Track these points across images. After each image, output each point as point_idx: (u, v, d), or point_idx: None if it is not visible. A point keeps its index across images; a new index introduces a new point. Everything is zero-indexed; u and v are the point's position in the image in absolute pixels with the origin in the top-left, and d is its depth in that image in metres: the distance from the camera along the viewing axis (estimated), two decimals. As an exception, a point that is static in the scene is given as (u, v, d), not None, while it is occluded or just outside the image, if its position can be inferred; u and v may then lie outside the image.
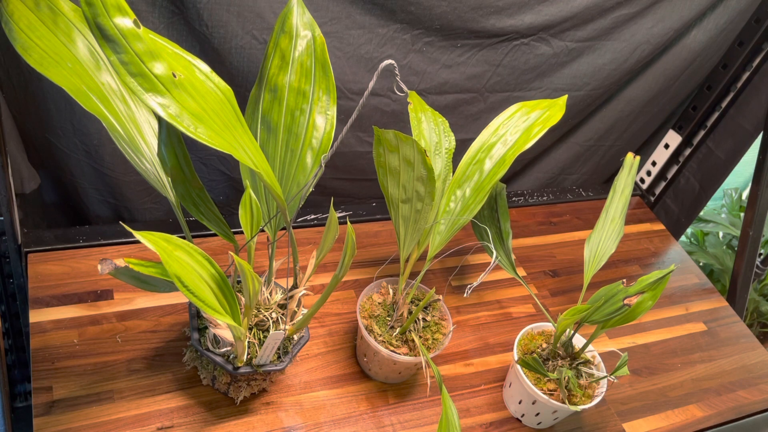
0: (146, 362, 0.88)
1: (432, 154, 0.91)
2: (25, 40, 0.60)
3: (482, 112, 1.26)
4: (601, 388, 0.90)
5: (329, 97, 0.79)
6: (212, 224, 0.77)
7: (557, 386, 0.87)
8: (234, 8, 0.96)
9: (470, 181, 0.91)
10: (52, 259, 0.99)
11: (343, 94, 1.10)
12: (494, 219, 1.01)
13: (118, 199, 1.15)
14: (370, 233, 1.20)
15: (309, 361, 0.95)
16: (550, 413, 0.91)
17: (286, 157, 0.81)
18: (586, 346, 0.92)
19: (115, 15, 0.53)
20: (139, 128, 0.73)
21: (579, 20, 1.16)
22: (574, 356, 0.92)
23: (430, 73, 1.15)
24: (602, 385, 0.90)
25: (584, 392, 0.90)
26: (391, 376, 0.94)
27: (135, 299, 0.96)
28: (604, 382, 0.91)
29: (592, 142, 1.41)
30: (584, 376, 0.90)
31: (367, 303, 0.94)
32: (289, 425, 0.86)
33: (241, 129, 0.62)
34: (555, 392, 0.88)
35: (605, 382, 0.91)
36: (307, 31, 0.78)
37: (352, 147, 1.22)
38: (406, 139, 0.73)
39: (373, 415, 0.91)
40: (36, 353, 0.86)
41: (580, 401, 0.88)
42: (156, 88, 0.54)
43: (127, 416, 0.82)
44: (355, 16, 1.04)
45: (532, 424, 0.95)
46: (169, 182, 0.74)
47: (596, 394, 0.90)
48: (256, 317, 0.83)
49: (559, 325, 0.88)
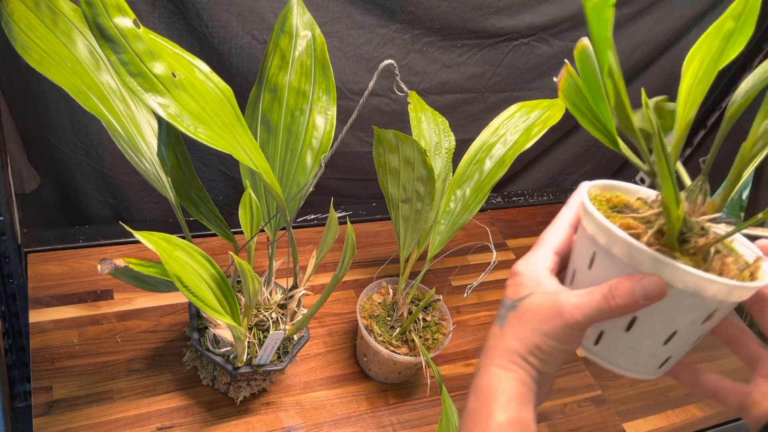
0: (146, 362, 0.88)
1: (432, 154, 0.91)
2: (25, 40, 0.60)
3: (482, 112, 1.26)
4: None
5: (329, 97, 0.79)
6: (212, 224, 0.77)
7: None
8: (234, 8, 0.96)
9: (470, 181, 0.91)
10: (51, 259, 0.99)
11: (343, 94, 1.10)
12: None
13: (117, 199, 1.15)
14: (370, 233, 1.19)
15: (309, 361, 0.95)
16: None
17: (286, 157, 0.81)
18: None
19: (115, 15, 0.53)
20: (138, 128, 0.73)
21: (579, 20, 1.16)
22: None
23: (430, 73, 1.15)
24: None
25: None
26: (391, 376, 0.94)
27: (135, 299, 0.96)
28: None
29: (591, 142, 1.41)
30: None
31: (367, 303, 0.94)
32: (289, 425, 0.86)
33: (241, 129, 0.62)
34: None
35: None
36: (307, 31, 0.78)
37: (352, 147, 1.22)
38: (406, 139, 0.73)
39: (373, 415, 0.91)
40: (36, 353, 0.86)
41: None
42: (156, 88, 0.54)
43: (127, 416, 0.82)
44: (355, 16, 1.04)
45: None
46: (169, 182, 0.74)
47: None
48: (256, 317, 0.83)
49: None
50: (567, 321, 0.42)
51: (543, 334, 0.43)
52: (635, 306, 0.40)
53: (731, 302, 0.41)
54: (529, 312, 0.44)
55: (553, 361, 0.44)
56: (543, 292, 0.44)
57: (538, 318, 0.43)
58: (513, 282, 0.46)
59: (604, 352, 0.45)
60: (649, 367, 0.45)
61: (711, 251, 0.41)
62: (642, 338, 0.43)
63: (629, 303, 0.40)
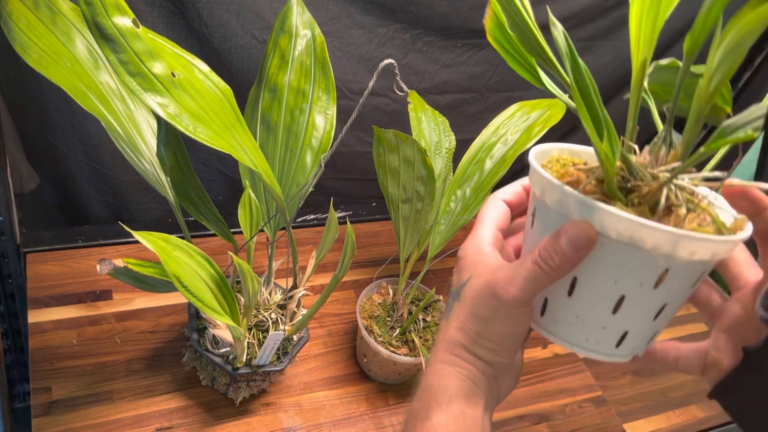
0: (145, 363, 0.88)
1: (432, 153, 0.90)
2: (24, 39, 0.60)
3: (483, 111, 1.25)
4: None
5: (329, 97, 0.79)
6: (211, 224, 0.77)
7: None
8: (233, 8, 0.96)
9: (471, 180, 0.90)
10: (51, 259, 0.99)
11: (342, 93, 1.10)
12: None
13: (117, 199, 1.15)
14: (370, 233, 1.19)
15: (309, 362, 0.95)
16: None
17: (286, 156, 0.80)
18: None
19: (114, 14, 0.53)
20: (138, 128, 0.73)
21: (579, 20, 1.15)
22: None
23: (431, 72, 1.15)
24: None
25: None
26: (391, 377, 0.94)
27: (134, 299, 0.96)
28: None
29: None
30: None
31: (367, 303, 0.94)
32: (289, 426, 0.86)
33: (240, 129, 0.62)
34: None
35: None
36: (307, 30, 0.77)
37: (352, 147, 1.21)
38: (406, 139, 0.73)
39: (373, 415, 0.91)
40: (35, 353, 0.85)
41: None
42: (155, 88, 0.54)
43: (126, 417, 0.81)
44: (355, 16, 1.03)
45: None
46: (169, 182, 0.74)
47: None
48: (256, 318, 0.83)
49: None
50: (503, 300, 0.37)
51: (482, 319, 0.38)
52: (567, 261, 0.35)
53: (686, 261, 0.35)
54: (468, 298, 0.40)
55: (502, 349, 0.39)
56: (479, 273, 0.39)
57: (476, 303, 0.39)
58: (457, 268, 0.42)
59: (550, 324, 0.40)
60: (603, 344, 0.39)
61: (661, 202, 0.35)
62: (586, 304, 0.38)
63: (560, 260, 0.35)
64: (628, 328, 0.38)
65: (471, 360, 0.40)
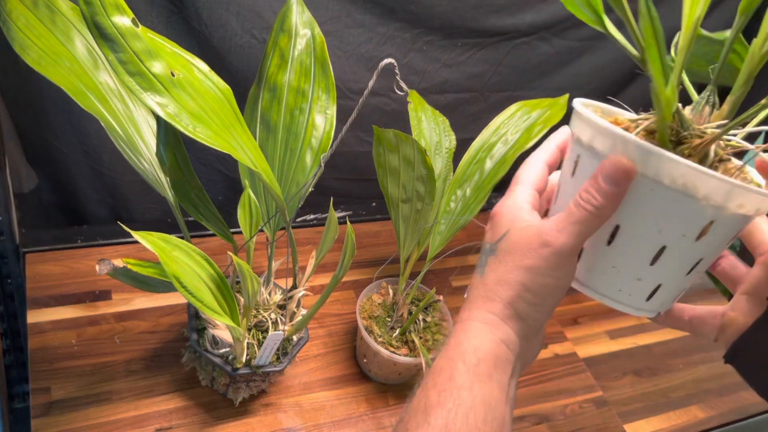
0: (145, 363, 0.88)
1: (432, 153, 0.90)
2: (23, 39, 0.59)
3: (483, 111, 1.25)
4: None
5: (329, 96, 0.79)
6: (211, 224, 0.77)
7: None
8: (233, 7, 0.96)
9: (471, 180, 0.90)
10: (50, 260, 0.98)
11: (342, 93, 1.10)
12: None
13: (116, 199, 1.14)
14: (370, 233, 1.19)
15: (308, 362, 0.95)
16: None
17: (286, 156, 0.80)
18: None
19: (114, 14, 0.53)
20: (137, 128, 0.72)
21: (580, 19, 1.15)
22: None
23: (431, 72, 1.15)
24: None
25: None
26: (391, 377, 0.94)
27: (133, 300, 0.95)
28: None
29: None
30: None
31: (366, 303, 0.93)
32: (289, 426, 0.86)
33: (240, 128, 0.62)
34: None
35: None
36: (307, 29, 0.77)
37: (352, 147, 1.21)
38: (406, 139, 0.72)
39: (372, 416, 0.90)
40: (34, 354, 0.85)
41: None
42: (154, 88, 0.54)
43: (126, 417, 0.81)
44: (355, 15, 1.03)
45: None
46: (168, 182, 0.74)
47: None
48: (255, 318, 0.83)
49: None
50: (553, 247, 0.37)
51: (529, 269, 0.37)
52: (609, 199, 0.35)
53: (731, 215, 0.35)
54: (510, 250, 0.39)
55: (543, 302, 0.38)
56: (520, 226, 0.39)
57: (521, 253, 0.38)
58: (491, 225, 0.41)
59: (583, 275, 0.39)
60: (635, 296, 0.39)
61: (710, 154, 0.35)
62: (626, 253, 0.37)
63: (603, 199, 0.35)
64: (662, 281, 0.38)
65: (507, 316, 0.39)
